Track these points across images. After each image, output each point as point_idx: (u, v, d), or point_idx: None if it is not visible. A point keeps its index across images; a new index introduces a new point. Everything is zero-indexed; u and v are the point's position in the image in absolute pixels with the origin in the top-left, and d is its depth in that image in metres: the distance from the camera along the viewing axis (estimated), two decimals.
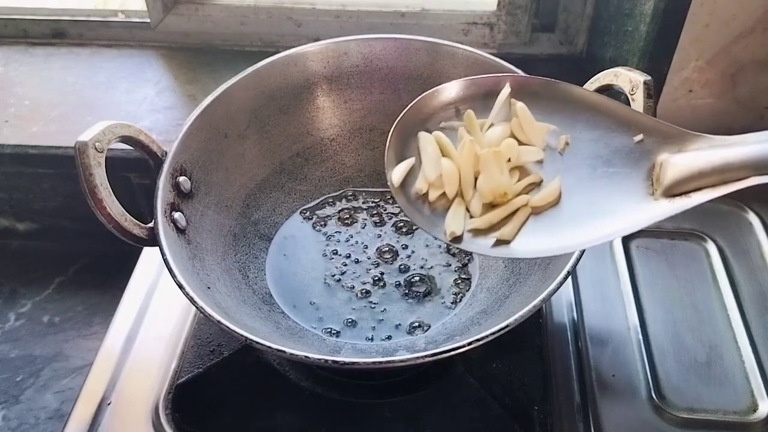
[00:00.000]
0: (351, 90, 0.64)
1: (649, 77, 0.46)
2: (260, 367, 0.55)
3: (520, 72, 0.56)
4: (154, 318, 0.61)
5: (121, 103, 0.84)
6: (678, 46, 0.69)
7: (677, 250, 0.65)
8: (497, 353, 0.54)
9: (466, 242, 0.42)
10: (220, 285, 0.52)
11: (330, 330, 0.55)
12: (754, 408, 0.54)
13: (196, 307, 0.45)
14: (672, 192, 0.37)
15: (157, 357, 0.58)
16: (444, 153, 0.44)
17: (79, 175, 0.46)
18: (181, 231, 0.52)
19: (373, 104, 0.64)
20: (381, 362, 0.46)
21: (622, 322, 0.59)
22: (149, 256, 0.67)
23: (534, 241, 0.41)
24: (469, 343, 0.42)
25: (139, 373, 0.57)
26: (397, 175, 0.44)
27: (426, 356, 0.42)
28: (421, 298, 0.57)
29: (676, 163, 0.38)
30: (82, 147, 0.46)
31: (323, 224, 0.63)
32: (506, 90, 0.45)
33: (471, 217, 0.42)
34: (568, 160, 0.43)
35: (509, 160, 0.43)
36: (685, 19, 0.67)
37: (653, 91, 0.46)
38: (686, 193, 0.37)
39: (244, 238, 0.60)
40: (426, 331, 0.55)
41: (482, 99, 0.46)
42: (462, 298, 0.57)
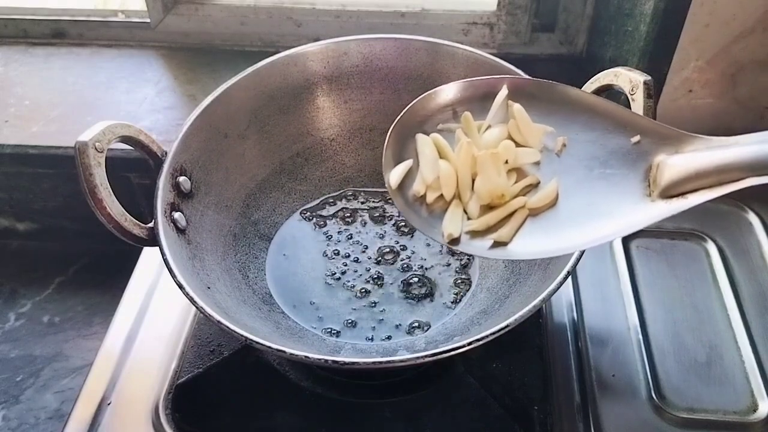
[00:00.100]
0: (351, 90, 0.64)
1: (649, 77, 0.46)
2: (260, 367, 0.55)
3: (520, 72, 0.56)
4: (154, 318, 0.61)
5: (121, 103, 0.84)
6: (678, 46, 0.69)
7: (677, 250, 0.65)
8: (497, 353, 0.54)
9: (463, 244, 0.42)
10: (220, 285, 0.52)
11: (330, 330, 0.55)
12: (754, 408, 0.54)
13: (196, 307, 0.45)
14: (669, 193, 0.37)
15: (157, 357, 0.58)
16: (441, 155, 0.44)
17: (79, 175, 0.46)
18: (181, 231, 0.52)
19: (373, 104, 0.64)
20: (381, 362, 0.46)
21: (622, 322, 0.59)
22: (149, 256, 0.67)
23: (531, 243, 0.41)
24: (469, 343, 0.42)
25: (139, 373, 0.57)
26: (394, 177, 0.44)
27: (426, 356, 0.42)
28: (421, 298, 0.57)
29: (673, 164, 0.38)
30: (82, 147, 0.46)
31: (323, 224, 0.63)
32: (503, 92, 0.45)
33: (468, 218, 0.42)
34: (565, 162, 0.43)
35: (506, 162, 0.43)
36: (685, 19, 0.67)
37: (653, 91, 0.46)
38: (683, 194, 0.37)
39: (244, 238, 0.60)
40: (426, 331, 0.55)
41: (479, 101, 0.46)
42: (462, 298, 0.57)
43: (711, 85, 0.73)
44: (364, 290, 0.58)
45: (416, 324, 0.55)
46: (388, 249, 0.61)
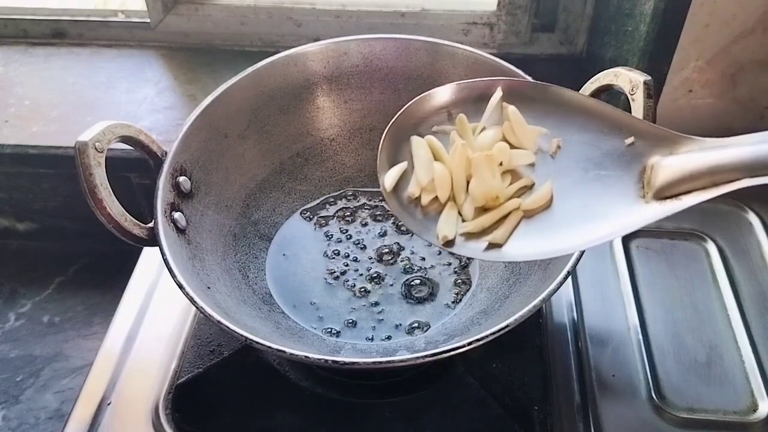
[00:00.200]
0: (351, 90, 0.64)
1: (649, 77, 0.46)
2: (260, 367, 0.55)
3: (520, 72, 0.56)
4: (154, 318, 0.61)
5: (121, 103, 0.84)
6: (678, 46, 0.69)
7: (677, 250, 0.65)
8: (497, 353, 0.54)
9: (458, 246, 0.42)
10: (220, 285, 0.52)
11: (330, 330, 0.55)
12: (754, 408, 0.54)
13: (196, 307, 0.45)
14: (663, 194, 0.37)
15: (157, 357, 0.58)
16: (436, 157, 0.44)
17: (79, 175, 0.46)
18: (181, 231, 0.52)
19: (373, 104, 0.64)
20: (381, 362, 0.46)
21: (622, 322, 0.59)
22: (149, 256, 0.67)
23: (526, 245, 0.41)
24: (469, 343, 0.42)
25: (139, 373, 0.57)
26: (389, 179, 0.44)
27: (426, 356, 0.42)
28: (421, 298, 0.57)
29: (667, 165, 0.38)
30: (82, 147, 0.46)
31: (323, 224, 0.63)
32: (498, 94, 0.45)
33: (463, 221, 0.42)
34: (559, 164, 0.43)
35: (501, 164, 0.43)
36: (685, 19, 0.67)
37: (653, 91, 0.46)
38: (677, 195, 0.37)
39: (244, 238, 0.60)
40: (426, 331, 0.55)
41: (474, 103, 0.46)
42: (462, 298, 0.57)
43: (711, 85, 0.73)
44: (364, 290, 0.58)
45: (416, 324, 0.55)
46: (388, 249, 0.61)
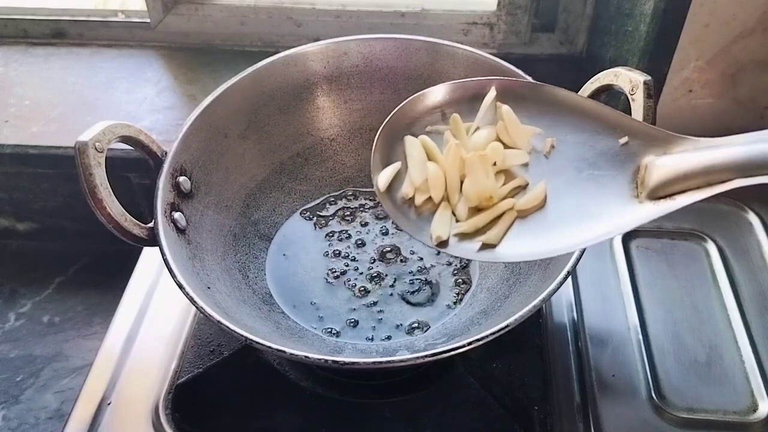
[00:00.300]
0: (351, 90, 0.64)
1: (649, 77, 0.46)
2: (260, 367, 0.55)
3: (520, 72, 0.56)
4: (154, 318, 0.61)
5: (121, 103, 0.84)
6: (678, 46, 0.69)
7: (677, 250, 0.65)
8: (497, 353, 0.54)
9: (452, 246, 0.42)
10: (220, 285, 0.52)
11: (330, 330, 0.55)
12: (754, 408, 0.54)
13: (196, 307, 0.45)
14: (657, 194, 0.37)
15: (157, 357, 0.58)
16: (430, 157, 0.44)
17: (79, 175, 0.46)
18: (181, 231, 0.52)
19: (373, 104, 0.64)
20: (381, 362, 0.46)
21: (622, 322, 0.59)
22: (149, 256, 0.67)
23: (520, 245, 0.41)
24: (469, 343, 0.42)
25: (139, 373, 0.57)
26: (383, 179, 0.43)
27: (426, 356, 0.42)
28: (421, 298, 0.57)
29: (661, 165, 0.38)
30: (82, 147, 0.46)
31: (323, 224, 0.63)
32: (492, 93, 0.45)
33: (457, 221, 0.42)
34: (553, 163, 0.43)
35: (495, 164, 0.43)
36: (685, 19, 0.67)
37: (653, 91, 0.46)
38: (671, 195, 0.37)
39: (244, 238, 0.60)
40: (426, 331, 0.55)
41: (468, 102, 0.46)
42: (462, 298, 0.57)
43: (711, 85, 0.72)
44: (364, 290, 0.58)
45: (416, 324, 0.55)
46: (388, 249, 0.61)
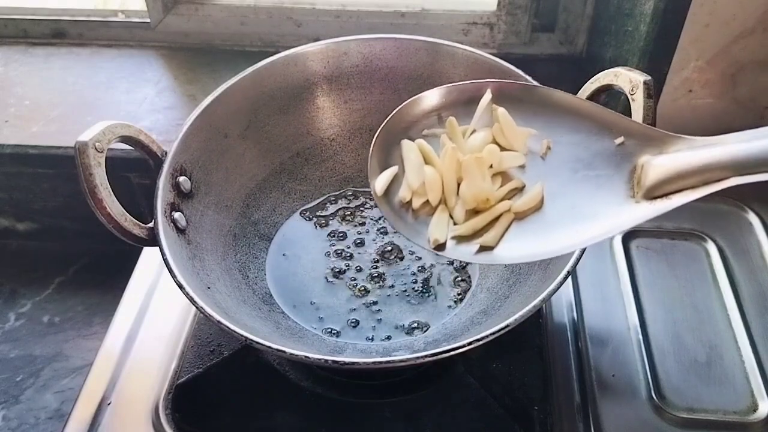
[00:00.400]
0: (351, 90, 0.64)
1: (649, 77, 0.46)
2: (260, 367, 0.55)
3: (520, 72, 0.56)
4: (154, 318, 0.61)
5: (121, 103, 0.84)
6: (678, 46, 0.69)
7: (677, 250, 0.65)
8: (497, 353, 0.54)
9: (449, 249, 0.42)
10: (220, 285, 0.52)
11: (330, 330, 0.55)
12: (754, 408, 0.54)
13: (196, 307, 0.45)
14: (653, 194, 0.37)
15: (157, 357, 0.58)
16: (427, 160, 0.44)
17: (79, 175, 0.46)
18: (181, 231, 0.52)
19: (373, 104, 0.64)
20: (381, 362, 0.46)
21: (622, 322, 0.59)
22: (149, 256, 0.67)
23: (517, 247, 0.41)
24: (469, 343, 0.42)
25: (139, 373, 0.57)
26: (380, 183, 0.43)
27: (426, 356, 0.42)
28: (422, 298, 0.57)
29: (657, 164, 0.38)
30: (82, 147, 0.46)
31: (323, 224, 0.63)
32: (487, 96, 0.45)
33: (455, 223, 0.42)
34: (550, 165, 0.43)
35: (491, 166, 0.43)
36: (685, 19, 0.67)
37: (653, 91, 0.46)
38: (667, 194, 0.37)
39: (244, 238, 0.60)
40: (426, 331, 0.55)
41: (464, 105, 0.46)
42: (462, 298, 0.57)
43: (711, 85, 0.72)
44: (364, 290, 0.58)
45: (416, 324, 0.55)
46: (388, 249, 0.61)
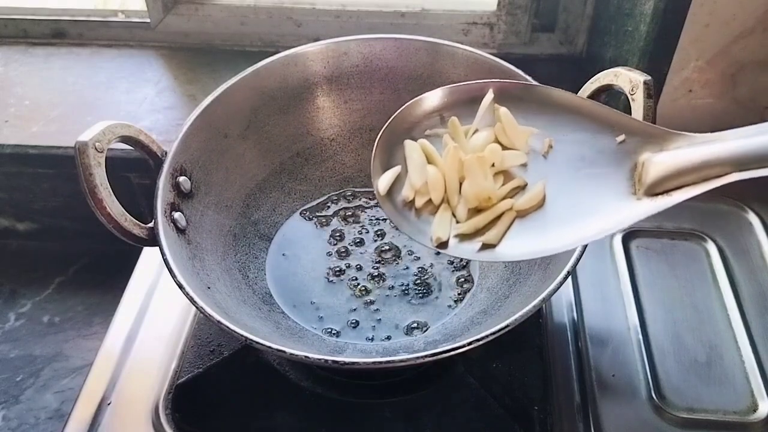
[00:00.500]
0: (351, 90, 0.64)
1: (649, 77, 0.46)
2: (260, 367, 0.55)
3: (520, 72, 0.56)
4: (154, 318, 0.61)
5: (121, 103, 0.84)
6: (678, 46, 0.69)
7: (677, 250, 0.65)
8: (497, 353, 0.54)
9: (452, 248, 0.42)
10: (220, 285, 0.52)
11: (330, 330, 0.55)
12: (754, 408, 0.54)
13: (196, 307, 0.45)
14: (654, 191, 0.38)
15: (157, 357, 0.58)
16: (429, 160, 0.44)
17: (79, 175, 0.46)
18: (181, 231, 0.52)
19: (373, 104, 0.64)
20: (381, 362, 0.46)
21: (622, 322, 0.59)
22: (149, 256, 0.67)
23: (519, 244, 0.41)
24: (469, 343, 0.42)
25: (139, 373, 0.57)
26: (383, 183, 0.44)
27: (426, 356, 0.42)
28: (422, 298, 0.57)
29: (658, 161, 0.38)
30: (82, 147, 0.46)
31: (323, 224, 0.63)
32: (489, 95, 0.46)
33: (457, 222, 0.43)
34: (551, 163, 0.43)
35: (493, 165, 0.43)
36: (685, 19, 0.67)
37: (653, 91, 0.46)
38: (668, 191, 0.37)
39: (244, 238, 0.60)
40: (426, 331, 0.55)
41: (466, 105, 0.46)
42: (462, 298, 0.57)
43: (711, 85, 0.72)
44: (364, 290, 0.58)
45: (416, 324, 0.55)
46: (388, 249, 0.61)
